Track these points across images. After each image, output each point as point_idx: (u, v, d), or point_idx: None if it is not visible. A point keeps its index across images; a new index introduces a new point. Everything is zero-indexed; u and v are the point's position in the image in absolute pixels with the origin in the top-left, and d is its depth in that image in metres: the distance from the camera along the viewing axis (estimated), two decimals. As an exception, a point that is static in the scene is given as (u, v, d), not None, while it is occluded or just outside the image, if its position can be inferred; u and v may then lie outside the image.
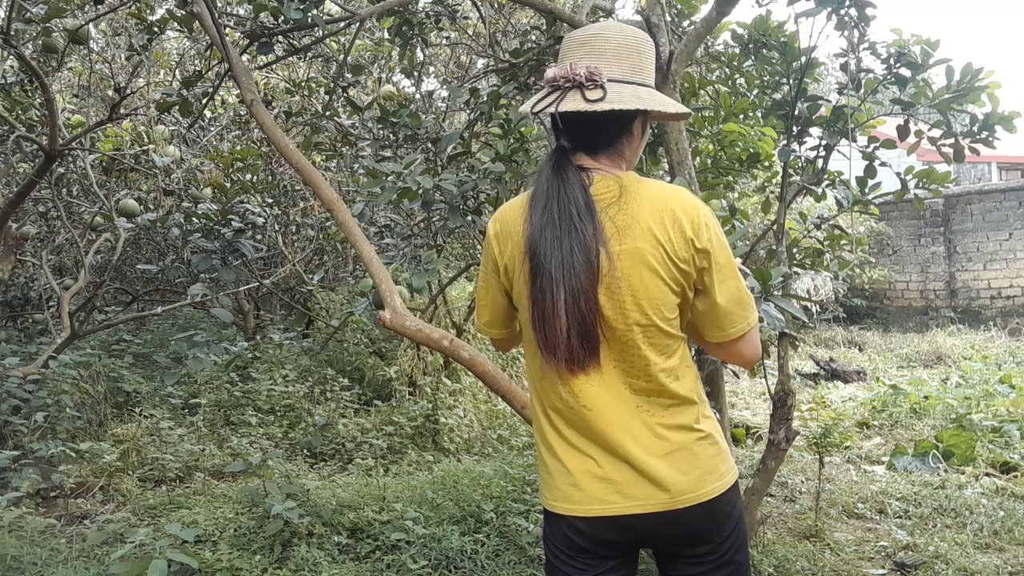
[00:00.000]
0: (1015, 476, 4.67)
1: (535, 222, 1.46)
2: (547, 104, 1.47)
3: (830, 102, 3.38)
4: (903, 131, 3.27)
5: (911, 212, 12.40)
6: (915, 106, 3.20)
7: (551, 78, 1.48)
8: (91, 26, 4.96)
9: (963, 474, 4.76)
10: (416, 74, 5.69)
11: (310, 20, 3.34)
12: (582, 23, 3.49)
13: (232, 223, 3.91)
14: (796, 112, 3.22)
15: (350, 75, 4.61)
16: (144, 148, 5.57)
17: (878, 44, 3.19)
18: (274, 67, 6.24)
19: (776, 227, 3.35)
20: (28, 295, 7.50)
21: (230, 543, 3.35)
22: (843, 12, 3.07)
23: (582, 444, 1.52)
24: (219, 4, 4.50)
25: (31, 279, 7.58)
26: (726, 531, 1.54)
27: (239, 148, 5.62)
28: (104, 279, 6.60)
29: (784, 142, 3.30)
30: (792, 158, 3.33)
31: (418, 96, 6.14)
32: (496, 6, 5.48)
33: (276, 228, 5.89)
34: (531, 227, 1.47)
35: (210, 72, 4.49)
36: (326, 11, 3.86)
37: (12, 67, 4.80)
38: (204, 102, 4.13)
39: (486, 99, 3.65)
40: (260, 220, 4.12)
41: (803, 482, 4.72)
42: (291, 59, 5.60)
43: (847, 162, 3.22)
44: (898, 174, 3.38)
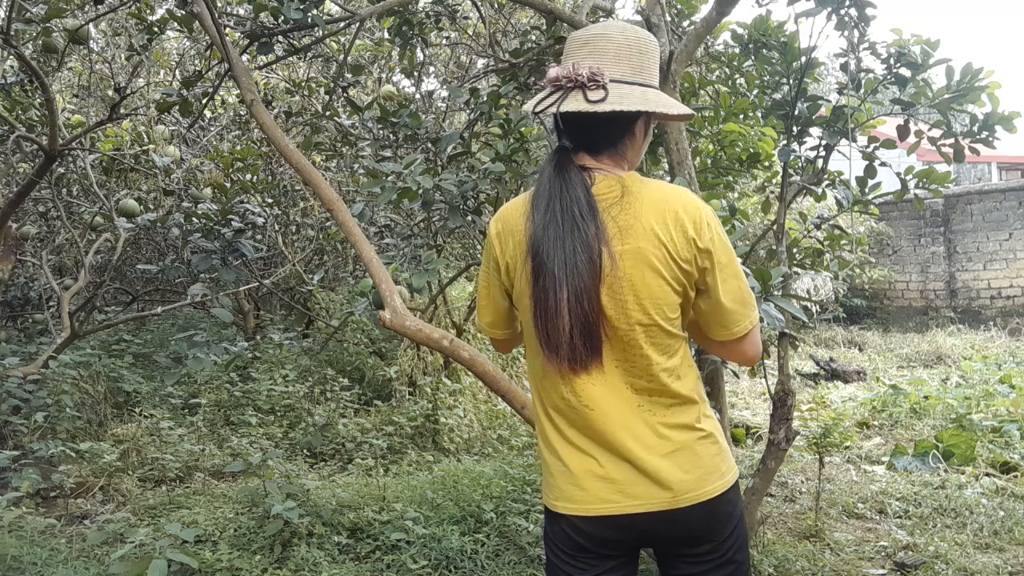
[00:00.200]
0: (1015, 476, 4.67)
1: (537, 221, 1.46)
2: (549, 104, 1.47)
3: (830, 102, 3.38)
4: (903, 131, 3.27)
5: (911, 212, 12.40)
6: (915, 106, 3.20)
7: (553, 78, 1.47)
8: (91, 26, 4.96)
9: (963, 474, 4.76)
10: (416, 74, 5.69)
11: (310, 20, 3.34)
12: (582, 23, 3.49)
13: (232, 223, 3.91)
14: (796, 112, 3.22)
15: (350, 75, 4.61)
16: (144, 148, 5.57)
17: (878, 44, 3.19)
18: (274, 67, 6.24)
19: (776, 227, 3.35)
20: (28, 295, 7.50)
21: (230, 543, 3.35)
22: (843, 12, 3.07)
23: (583, 444, 1.52)
24: (219, 4, 4.50)
25: (31, 279, 7.58)
26: (727, 530, 1.55)
27: (239, 148, 5.62)
28: (104, 279, 6.60)
29: (784, 142, 3.30)
30: (792, 158, 3.33)
31: (418, 96, 6.14)
32: (496, 6, 5.48)
33: (276, 228, 5.89)
34: (533, 226, 1.47)
35: (210, 72, 4.49)
36: (326, 11, 3.86)
37: (12, 67, 4.80)
38: (204, 102, 4.13)
39: (486, 99, 3.65)
40: (260, 220, 4.12)
41: (803, 482, 4.72)
42: (291, 59, 5.60)
43: (847, 162, 3.22)
44: (898, 174, 3.38)
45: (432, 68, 6.76)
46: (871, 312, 12.89)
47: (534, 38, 4.18)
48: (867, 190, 3.33)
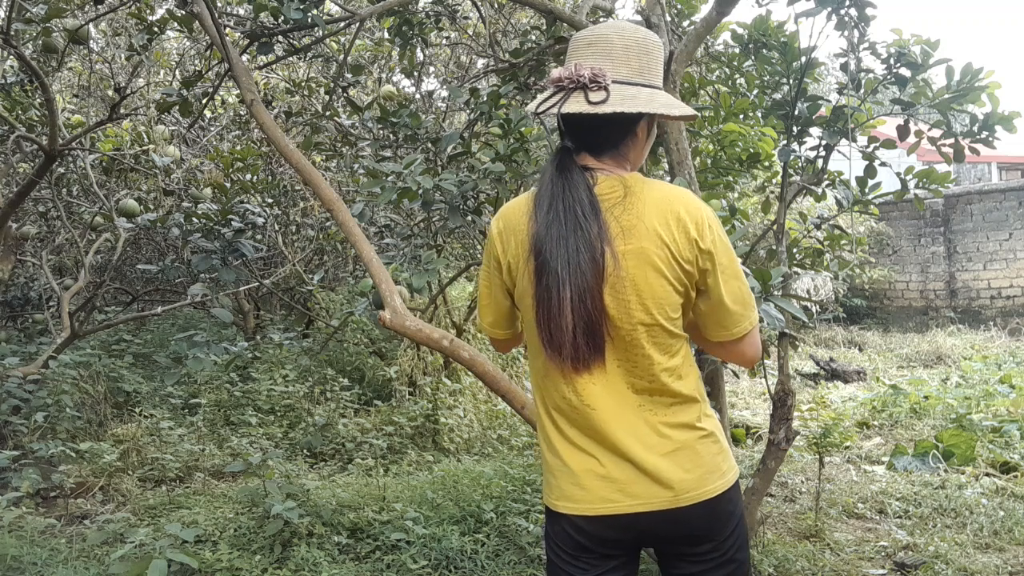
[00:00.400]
0: (1015, 476, 4.67)
1: (540, 221, 1.46)
2: (551, 105, 1.47)
3: (830, 102, 3.38)
4: (903, 131, 3.27)
5: (911, 212, 12.40)
6: (915, 106, 3.20)
7: (556, 78, 1.47)
8: (91, 26, 4.96)
9: (963, 474, 4.76)
10: (416, 74, 5.69)
11: (310, 20, 3.34)
12: (582, 23, 3.49)
13: (232, 223, 3.91)
14: (796, 112, 3.22)
15: (350, 75, 4.61)
16: (144, 148, 5.57)
17: (878, 44, 3.19)
18: (274, 67, 6.24)
19: (776, 227, 3.35)
20: (28, 295, 7.50)
21: (230, 543, 3.35)
22: (843, 12, 3.06)
23: (584, 443, 1.52)
24: (219, 4, 4.50)
25: (31, 279, 7.58)
26: (728, 529, 1.55)
27: (239, 148, 5.62)
28: (104, 279, 6.60)
29: (784, 142, 3.30)
30: (792, 158, 3.33)
31: (418, 96, 6.14)
32: (496, 6, 5.48)
33: (276, 228, 5.89)
34: (536, 225, 1.47)
35: (210, 72, 4.49)
36: (326, 11, 3.86)
37: (12, 67, 4.80)
38: (204, 102, 4.13)
39: (486, 99, 3.65)
40: (260, 220, 4.12)
41: (803, 482, 4.72)
42: (291, 59, 5.60)
43: (847, 162, 3.22)
44: (898, 174, 3.38)
45: (432, 68, 6.76)
46: (871, 312, 12.89)
47: (534, 38, 4.18)
48: (867, 190, 3.33)
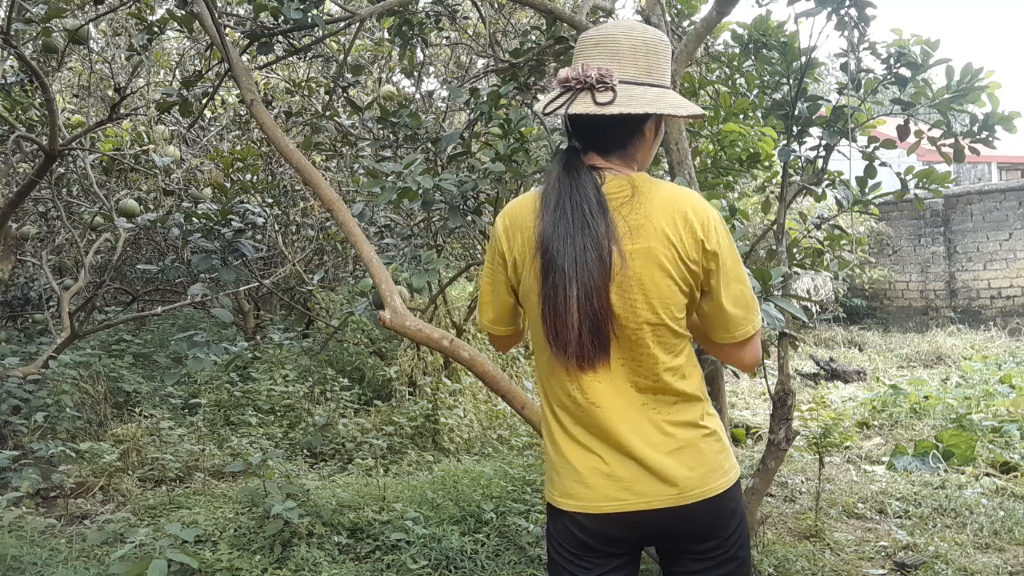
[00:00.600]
0: (1015, 476, 4.67)
1: (547, 219, 1.46)
2: (558, 105, 1.47)
3: (830, 102, 3.38)
4: (903, 131, 3.27)
5: (911, 212, 12.40)
6: (915, 106, 3.20)
7: (563, 79, 1.48)
8: (91, 26, 4.96)
9: (963, 474, 4.76)
10: (416, 74, 5.69)
11: (310, 20, 3.34)
12: (582, 23, 3.49)
13: (232, 223, 3.91)
14: (796, 112, 3.22)
15: (350, 75, 4.61)
16: (144, 148, 5.57)
17: (878, 44, 3.19)
18: (274, 67, 6.24)
19: (776, 227, 3.35)
20: (28, 295, 7.50)
21: (230, 543, 3.35)
22: (843, 12, 3.06)
23: (589, 441, 1.52)
24: (219, 4, 4.50)
25: (31, 279, 7.58)
26: (731, 527, 1.55)
27: (239, 148, 5.62)
28: (104, 279, 6.60)
29: (784, 142, 3.30)
30: (792, 158, 3.33)
31: (418, 96, 6.14)
32: (496, 6, 5.48)
33: (276, 228, 5.89)
34: (543, 223, 1.47)
35: (210, 72, 4.49)
36: (326, 11, 3.86)
37: (12, 67, 4.80)
38: (204, 102, 4.13)
39: (486, 99, 3.65)
40: (260, 220, 4.12)
41: (803, 482, 4.72)
42: (291, 59, 5.60)
43: (847, 162, 3.22)
44: (898, 174, 3.38)
45: (432, 68, 6.76)
46: (871, 312, 12.89)
47: (534, 38, 4.18)
48: (867, 190, 3.33)
